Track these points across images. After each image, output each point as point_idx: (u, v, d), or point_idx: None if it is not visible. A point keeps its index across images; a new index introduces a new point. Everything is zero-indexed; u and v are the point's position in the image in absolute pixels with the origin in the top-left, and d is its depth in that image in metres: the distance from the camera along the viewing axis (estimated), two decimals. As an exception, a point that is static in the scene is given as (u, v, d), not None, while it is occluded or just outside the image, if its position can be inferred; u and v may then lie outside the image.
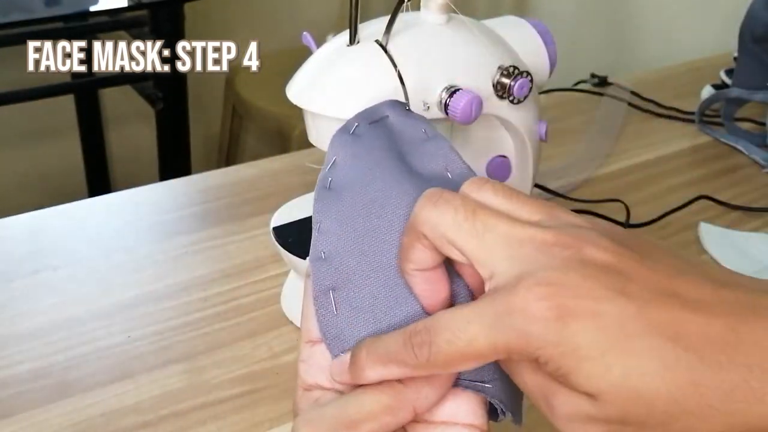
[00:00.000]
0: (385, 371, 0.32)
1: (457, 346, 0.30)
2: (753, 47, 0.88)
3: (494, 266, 0.30)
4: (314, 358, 0.36)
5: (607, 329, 0.28)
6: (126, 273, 0.64)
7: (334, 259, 0.36)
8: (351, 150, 0.40)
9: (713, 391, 0.27)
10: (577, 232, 0.30)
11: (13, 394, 0.52)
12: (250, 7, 1.97)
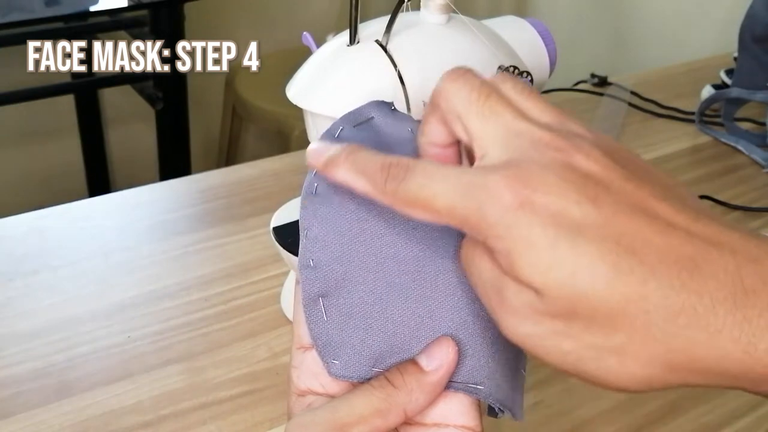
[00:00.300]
0: (352, 179, 0.33)
1: (422, 194, 0.30)
2: (753, 47, 0.88)
3: (488, 148, 0.31)
4: (306, 364, 0.36)
5: (564, 227, 0.28)
6: (126, 273, 0.64)
7: (322, 266, 0.36)
8: None
9: (659, 310, 0.27)
10: (575, 139, 0.30)
11: (13, 394, 0.52)
12: (250, 7, 1.97)
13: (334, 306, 0.36)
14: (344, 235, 0.36)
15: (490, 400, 0.35)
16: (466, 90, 0.32)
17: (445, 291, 0.36)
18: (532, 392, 0.55)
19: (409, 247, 0.36)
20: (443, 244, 0.36)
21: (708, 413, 0.55)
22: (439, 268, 0.36)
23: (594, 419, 0.54)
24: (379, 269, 0.36)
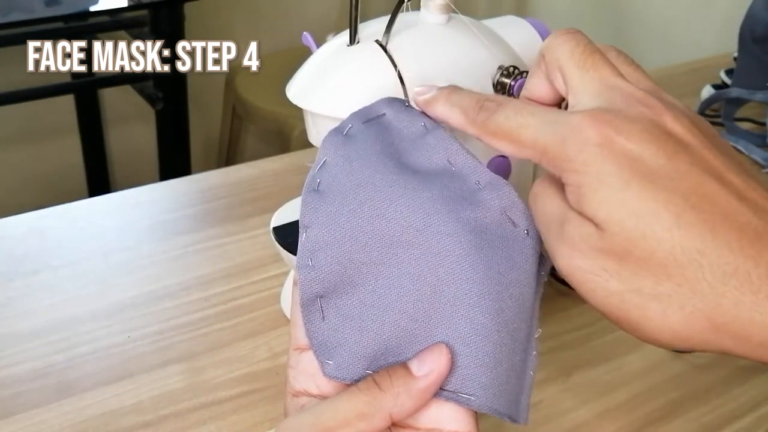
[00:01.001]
0: (448, 111, 0.36)
1: (509, 125, 0.33)
2: (753, 47, 0.88)
3: (582, 97, 0.33)
4: (302, 365, 0.36)
5: (638, 172, 0.29)
6: (126, 273, 0.64)
7: (321, 266, 0.36)
8: (342, 151, 0.39)
9: (713, 267, 0.28)
10: (666, 103, 0.32)
11: (13, 394, 0.52)
12: (250, 7, 1.97)
13: (331, 307, 0.36)
14: (345, 236, 0.36)
15: (484, 410, 0.35)
16: (572, 44, 0.34)
17: (445, 300, 0.36)
18: (532, 392, 0.55)
19: (412, 253, 0.36)
20: (447, 253, 0.36)
21: (708, 413, 0.55)
22: (440, 277, 0.36)
23: (594, 419, 0.54)
24: (378, 272, 0.36)
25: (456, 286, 0.35)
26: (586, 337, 0.60)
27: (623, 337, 0.60)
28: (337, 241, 0.36)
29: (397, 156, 0.38)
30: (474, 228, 0.36)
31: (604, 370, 0.58)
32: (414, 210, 0.36)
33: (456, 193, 0.37)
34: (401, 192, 0.36)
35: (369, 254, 0.36)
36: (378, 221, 0.36)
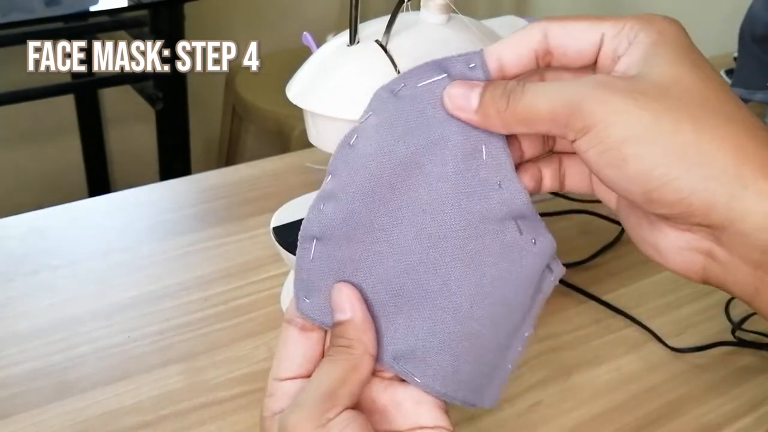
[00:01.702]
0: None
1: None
2: (753, 47, 0.88)
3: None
4: (281, 390, 0.37)
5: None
6: (126, 273, 0.64)
7: (328, 214, 0.37)
8: (386, 114, 0.38)
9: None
10: None
11: (13, 394, 0.53)
12: (250, 7, 1.97)
13: (323, 252, 0.37)
14: (357, 196, 0.37)
15: (450, 399, 0.37)
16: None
17: (426, 286, 0.37)
18: (532, 392, 0.55)
19: (409, 231, 0.37)
20: (439, 241, 0.37)
21: (708, 413, 0.55)
22: (428, 262, 0.37)
23: (594, 419, 0.54)
24: (375, 238, 0.37)
25: (439, 276, 0.36)
26: (586, 337, 0.60)
27: (623, 337, 0.60)
28: (349, 198, 0.37)
29: (431, 126, 0.37)
30: (474, 223, 0.37)
31: (604, 370, 0.58)
32: (424, 188, 0.37)
33: (471, 183, 0.37)
34: (418, 170, 0.37)
35: (372, 219, 0.37)
36: (390, 192, 0.37)
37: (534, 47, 0.36)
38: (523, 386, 0.56)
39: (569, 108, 0.33)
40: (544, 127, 0.34)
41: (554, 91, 0.34)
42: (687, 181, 0.31)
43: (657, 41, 0.34)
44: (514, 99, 0.34)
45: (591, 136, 0.33)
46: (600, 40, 0.35)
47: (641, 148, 0.32)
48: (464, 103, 0.36)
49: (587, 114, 0.32)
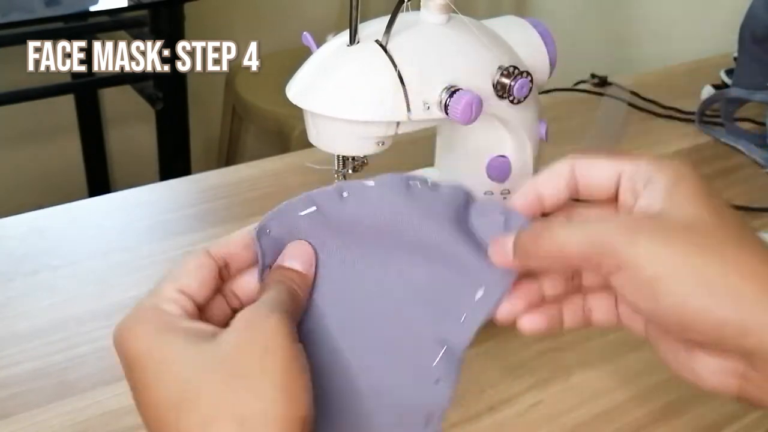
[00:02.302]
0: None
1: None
2: (753, 47, 0.88)
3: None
4: (176, 298, 0.40)
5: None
6: (126, 273, 0.64)
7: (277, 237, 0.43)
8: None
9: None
10: None
11: (13, 394, 0.53)
12: (250, 7, 1.97)
13: (315, 220, 0.42)
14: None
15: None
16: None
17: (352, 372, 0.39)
18: (532, 392, 0.55)
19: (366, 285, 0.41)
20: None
21: (708, 413, 0.55)
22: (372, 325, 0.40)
23: (594, 419, 0.54)
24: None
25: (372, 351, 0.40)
26: (586, 337, 0.60)
27: (623, 338, 0.60)
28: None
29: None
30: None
31: (604, 370, 0.58)
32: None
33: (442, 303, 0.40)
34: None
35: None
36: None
37: (566, 181, 0.40)
38: (523, 386, 0.56)
39: (600, 248, 0.35)
40: (575, 264, 0.37)
41: (582, 231, 0.36)
42: (720, 312, 0.34)
43: (675, 182, 0.37)
44: (542, 239, 0.37)
45: (623, 275, 0.35)
46: (618, 176, 0.39)
47: (673, 284, 0.34)
48: (504, 256, 0.39)
49: (617, 254, 0.35)
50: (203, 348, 0.35)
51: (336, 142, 0.55)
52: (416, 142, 0.69)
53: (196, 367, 0.34)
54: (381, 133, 0.54)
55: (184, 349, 0.35)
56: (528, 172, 0.63)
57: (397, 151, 0.66)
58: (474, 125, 0.53)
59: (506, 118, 0.58)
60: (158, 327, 0.38)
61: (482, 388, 0.55)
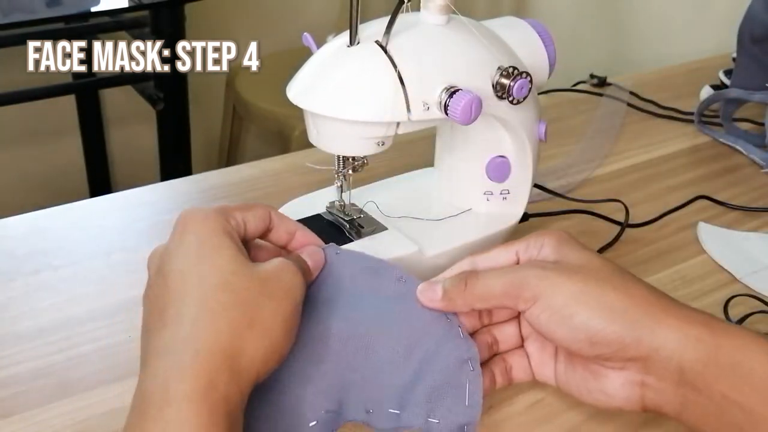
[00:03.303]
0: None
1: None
2: (752, 48, 0.88)
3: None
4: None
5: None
6: (126, 273, 0.64)
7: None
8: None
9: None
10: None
11: (14, 394, 0.53)
12: (250, 7, 1.97)
13: None
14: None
15: None
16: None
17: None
18: (532, 391, 0.55)
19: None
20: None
21: (707, 412, 0.55)
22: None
23: (593, 418, 0.54)
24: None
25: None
26: (585, 337, 0.60)
27: (622, 337, 0.60)
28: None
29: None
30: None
31: (603, 370, 0.58)
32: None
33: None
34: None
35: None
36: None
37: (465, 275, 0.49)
38: (523, 385, 0.56)
39: (518, 285, 0.46)
40: (498, 302, 0.47)
41: (503, 274, 0.47)
42: (618, 327, 0.44)
43: (560, 242, 0.48)
44: (471, 283, 0.47)
45: (539, 304, 0.45)
46: (516, 256, 0.50)
47: (578, 307, 0.44)
48: (432, 295, 0.49)
49: (533, 287, 0.45)
50: (246, 264, 0.44)
51: (336, 143, 0.56)
52: (416, 142, 0.69)
53: (237, 272, 0.43)
54: (381, 134, 0.54)
55: (235, 255, 0.44)
56: (527, 171, 0.63)
57: (397, 151, 0.66)
58: (474, 125, 0.53)
59: (506, 118, 0.58)
60: (225, 227, 0.45)
61: (482, 387, 0.55)
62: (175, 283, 0.42)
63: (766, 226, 0.77)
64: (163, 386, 0.38)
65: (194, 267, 0.43)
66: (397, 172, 0.71)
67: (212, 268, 0.43)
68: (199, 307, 0.41)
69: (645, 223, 0.74)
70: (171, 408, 0.37)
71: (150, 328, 0.42)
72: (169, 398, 0.38)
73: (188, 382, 0.38)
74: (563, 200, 0.76)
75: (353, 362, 0.47)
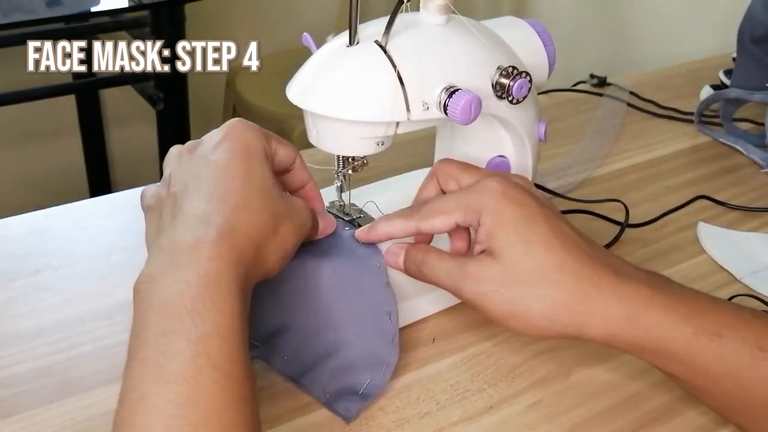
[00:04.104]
0: (389, 225, 0.54)
1: (439, 205, 0.52)
2: (751, 48, 0.88)
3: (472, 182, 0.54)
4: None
5: (524, 214, 0.48)
6: (126, 273, 0.64)
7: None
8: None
9: (572, 273, 0.47)
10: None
11: (14, 394, 0.53)
12: (250, 7, 1.97)
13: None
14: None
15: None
16: (457, 163, 0.55)
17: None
18: (531, 392, 0.55)
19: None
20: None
21: (707, 413, 0.55)
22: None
23: (593, 419, 0.54)
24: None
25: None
26: (585, 337, 0.60)
27: (622, 337, 0.61)
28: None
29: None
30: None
31: (603, 370, 0.58)
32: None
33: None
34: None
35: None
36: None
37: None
38: (523, 386, 0.56)
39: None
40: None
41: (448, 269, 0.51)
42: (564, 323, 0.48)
43: (496, 225, 0.49)
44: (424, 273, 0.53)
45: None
46: (455, 225, 0.51)
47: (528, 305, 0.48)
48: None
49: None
50: (278, 185, 0.49)
51: (336, 142, 0.56)
52: (416, 142, 0.70)
53: (275, 186, 0.48)
54: (380, 134, 0.54)
55: (270, 173, 0.48)
56: (527, 172, 0.63)
57: (397, 151, 0.66)
58: (473, 125, 0.53)
59: (505, 118, 0.58)
60: (265, 147, 0.49)
61: (482, 387, 0.55)
62: (220, 169, 0.46)
63: (766, 226, 0.77)
64: (195, 245, 0.42)
65: (240, 164, 0.47)
66: (397, 172, 0.71)
67: (255, 173, 0.47)
68: (245, 199, 0.45)
69: (645, 223, 0.74)
70: (209, 263, 0.42)
71: (186, 194, 0.46)
72: (204, 255, 0.42)
73: (223, 247, 0.42)
74: (563, 200, 0.76)
75: (295, 305, 0.54)
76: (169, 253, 0.43)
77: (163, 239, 0.44)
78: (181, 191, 0.47)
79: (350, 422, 0.51)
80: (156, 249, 0.44)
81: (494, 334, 0.60)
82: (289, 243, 0.48)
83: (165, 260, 0.43)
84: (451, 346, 0.59)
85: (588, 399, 0.55)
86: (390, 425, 0.52)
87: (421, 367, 0.57)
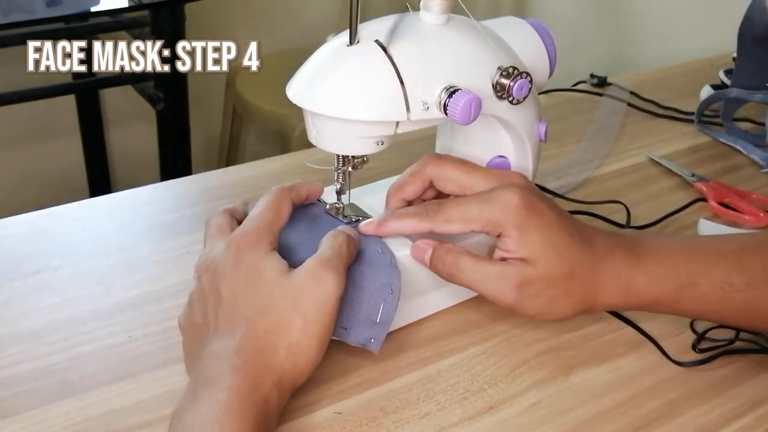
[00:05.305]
0: (402, 224, 0.56)
1: (457, 211, 0.54)
2: (752, 48, 0.88)
3: (482, 187, 0.57)
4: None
5: (544, 222, 0.53)
6: (126, 273, 0.64)
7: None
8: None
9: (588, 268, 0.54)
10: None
11: (14, 394, 0.53)
12: (250, 7, 1.97)
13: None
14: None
15: (355, 343, 0.53)
16: (457, 162, 0.58)
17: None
18: (531, 392, 0.55)
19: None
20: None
21: (707, 413, 0.55)
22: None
23: (594, 419, 0.54)
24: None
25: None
26: (585, 337, 0.60)
27: (622, 337, 0.61)
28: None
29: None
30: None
31: (603, 370, 0.58)
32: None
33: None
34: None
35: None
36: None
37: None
38: (523, 386, 0.56)
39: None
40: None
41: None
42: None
43: (522, 239, 0.54)
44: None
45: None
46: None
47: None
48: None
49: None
50: (284, 280, 0.50)
51: (336, 142, 0.55)
52: (416, 142, 0.69)
53: (277, 295, 0.50)
54: (380, 133, 0.54)
55: (277, 278, 0.50)
56: (527, 172, 0.63)
57: (397, 151, 0.66)
58: (473, 125, 0.53)
59: (506, 118, 0.58)
60: (271, 246, 0.52)
61: (482, 387, 0.55)
62: (228, 305, 0.50)
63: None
64: (213, 378, 0.47)
65: (244, 293, 0.50)
66: (397, 172, 0.71)
67: (259, 294, 0.50)
68: (247, 327, 0.49)
69: (646, 226, 0.74)
70: (221, 394, 0.46)
71: (206, 328, 0.51)
72: (218, 387, 0.46)
73: (237, 379, 0.47)
74: (563, 200, 0.76)
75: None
76: (192, 388, 0.48)
77: (193, 374, 0.49)
78: (198, 320, 0.52)
79: (376, 353, 0.54)
80: (189, 383, 0.49)
81: (494, 335, 0.60)
82: (311, 344, 0.50)
83: (189, 395, 0.47)
84: (451, 346, 0.59)
85: (588, 399, 0.55)
86: (390, 425, 0.52)
87: (421, 367, 0.57)
